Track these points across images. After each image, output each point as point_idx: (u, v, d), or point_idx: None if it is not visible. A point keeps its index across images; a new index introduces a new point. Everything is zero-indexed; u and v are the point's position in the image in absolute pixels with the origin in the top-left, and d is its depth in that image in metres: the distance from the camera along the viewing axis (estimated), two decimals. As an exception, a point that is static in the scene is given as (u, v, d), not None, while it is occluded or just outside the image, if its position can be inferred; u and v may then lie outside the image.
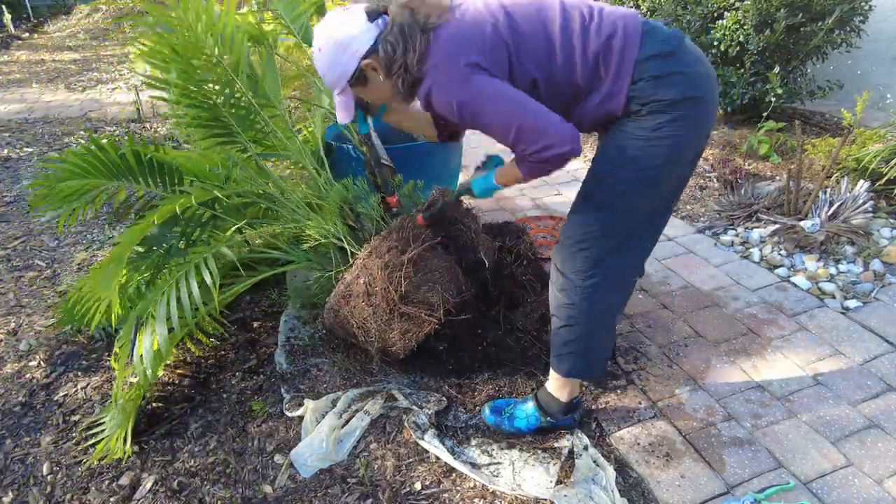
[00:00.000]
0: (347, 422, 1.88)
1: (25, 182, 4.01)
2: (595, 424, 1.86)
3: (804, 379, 1.99)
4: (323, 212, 2.18)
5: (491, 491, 1.66)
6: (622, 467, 1.72)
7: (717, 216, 3.06)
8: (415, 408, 1.90)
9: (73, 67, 7.50)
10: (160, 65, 2.09)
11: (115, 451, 1.80)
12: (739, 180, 3.29)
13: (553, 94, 1.45)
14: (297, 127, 2.91)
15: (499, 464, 1.73)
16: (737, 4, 3.77)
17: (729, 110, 3.95)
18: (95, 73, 7.12)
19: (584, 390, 1.97)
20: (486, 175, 1.66)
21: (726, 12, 3.81)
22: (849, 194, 2.77)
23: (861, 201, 2.73)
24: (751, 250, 2.73)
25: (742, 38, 3.67)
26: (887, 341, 2.14)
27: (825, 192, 2.81)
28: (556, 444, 1.78)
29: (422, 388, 2.02)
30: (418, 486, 1.69)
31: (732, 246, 2.81)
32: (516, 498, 1.63)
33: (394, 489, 1.68)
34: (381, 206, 2.15)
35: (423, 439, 1.80)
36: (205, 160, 2.32)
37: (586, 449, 1.74)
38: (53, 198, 2.14)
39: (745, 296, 2.44)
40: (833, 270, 2.53)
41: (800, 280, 2.49)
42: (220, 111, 2.14)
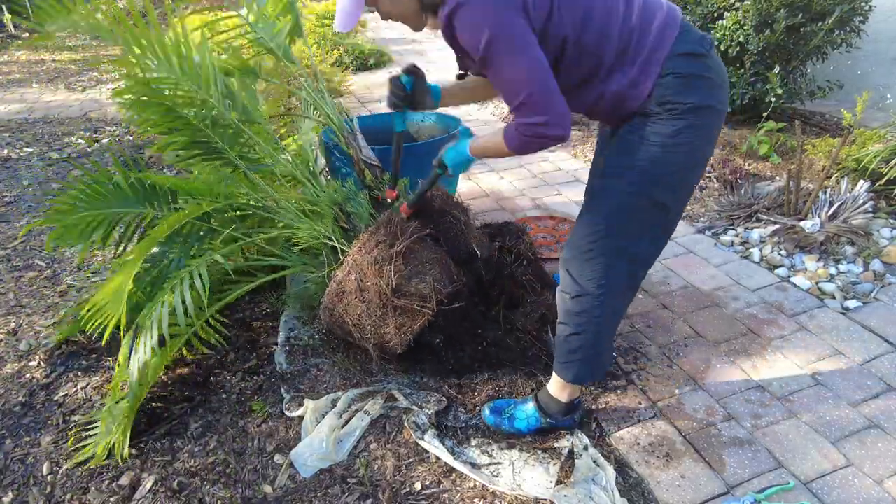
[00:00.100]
0: (347, 422, 1.88)
1: (25, 183, 4.01)
2: (595, 424, 1.86)
3: (804, 379, 1.99)
4: (316, 216, 2.20)
5: (491, 491, 1.66)
6: (622, 467, 1.71)
7: (717, 216, 3.06)
8: (415, 408, 1.90)
9: (74, 67, 7.51)
10: (137, 107, 2.17)
11: (101, 458, 1.81)
12: (739, 180, 3.29)
13: (576, 62, 1.37)
14: (288, 139, 3.05)
15: (499, 464, 1.72)
16: (737, 4, 3.77)
17: (729, 110, 3.92)
18: (95, 73, 7.13)
19: (584, 390, 1.97)
20: (457, 144, 1.57)
21: (726, 12, 3.81)
22: (849, 194, 2.77)
23: (861, 201, 2.73)
24: (751, 250, 2.73)
25: (742, 38, 3.68)
26: (887, 341, 2.14)
27: (825, 193, 2.81)
28: (556, 445, 1.78)
29: (422, 388, 2.02)
30: (418, 486, 1.69)
31: (732, 246, 2.81)
32: (516, 498, 1.63)
33: (394, 489, 1.68)
34: (371, 203, 2.15)
35: (423, 439, 1.80)
36: (197, 178, 2.38)
37: (586, 449, 1.74)
38: (69, 233, 2.21)
39: (745, 296, 2.44)
40: (833, 270, 2.53)
41: (800, 280, 2.49)
42: (202, 134, 2.18)
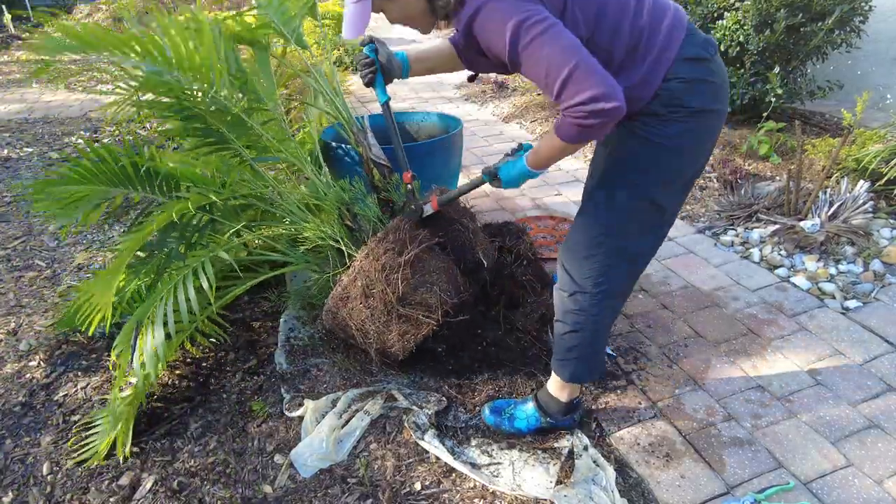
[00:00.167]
0: (347, 422, 1.88)
1: (23, 181, 4.01)
2: (595, 424, 1.86)
3: (804, 379, 1.99)
4: (321, 213, 2.18)
5: (491, 491, 1.66)
6: (622, 467, 1.71)
7: (717, 216, 3.06)
8: (415, 408, 1.90)
9: (74, 67, 7.51)
10: (144, 86, 2.09)
11: (101, 456, 1.81)
12: (739, 180, 3.29)
13: None
14: (293, 128, 2.89)
15: (499, 464, 1.72)
16: (737, 4, 3.77)
17: (729, 110, 3.92)
18: (95, 73, 7.12)
19: (584, 390, 1.97)
20: (515, 159, 1.52)
21: (726, 12, 3.81)
22: (849, 194, 2.77)
23: (861, 201, 2.73)
24: (751, 250, 2.73)
25: (742, 39, 3.67)
26: (887, 341, 2.14)
27: (825, 193, 2.81)
28: (556, 445, 1.78)
29: (422, 389, 2.01)
30: (418, 486, 1.69)
31: (732, 246, 2.81)
32: (516, 498, 1.63)
33: (394, 489, 1.68)
34: (379, 206, 2.14)
35: (423, 439, 1.80)
36: (201, 166, 2.33)
37: (586, 449, 1.74)
38: (54, 205, 2.13)
39: (745, 296, 2.44)
40: (833, 271, 2.53)
41: (800, 280, 2.49)
42: (209, 121, 2.10)
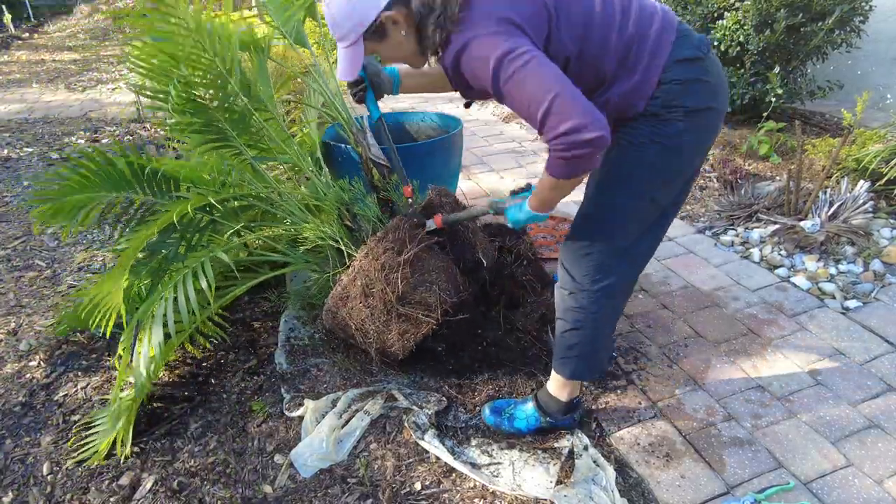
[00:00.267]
0: (347, 422, 1.88)
1: (25, 183, 4.01)
2: (595, 424, 1.86)
3: (804, 379, 1.99)
4: (321, 213, 2.18)
5: (491, 491, 1.66)
6: (622, 467, 1.71)
7: (718, 216, 3.06)
8: (415, 408, 1.90)
9: (74, 67, 7.51)
10: (152, 75, 2.07)
11: (101, 456, 1.81)
12: (739, 180, 3.29)
13: (579, 75, 1.37)
14: (292, 129, 2.90)
15: (499, 464, 1.72)
16: (737, 4, 3.77)
17: (729, 110, 3.93)
18: (95, 73, 7.13)
19: (584, 390, 1.97)
20: (521, 203, 1.55)
21: (726, 12, 3.81)
22: (849, 194, 2.77)
23: (861, 201, 2.73)
24: (751, 250, 2.73)
25: (742, 38, 3.68)
26: (887, 341, 2.14)
27: (825, 193, 2.81)
28: (556, 445, 1.78)
29: (422, 388, 2.01)
30: (418, 486, 1.69)
31: (732, 246, 2.81)
32: (516, 498, 1.63)
33: (394, 489, 1.68)
34: (379, 207, 2.14)
35: (423, 439, 1.80)
36: (201, 166, 2.33)
37: (586, 449, 1.74)
38: (59, 212, 2.15)
39: (745, 296, 2.44)
40: (833, 270, 2.53)
41: (800, 280, 2.49)
42: (214, 116, 2.12)
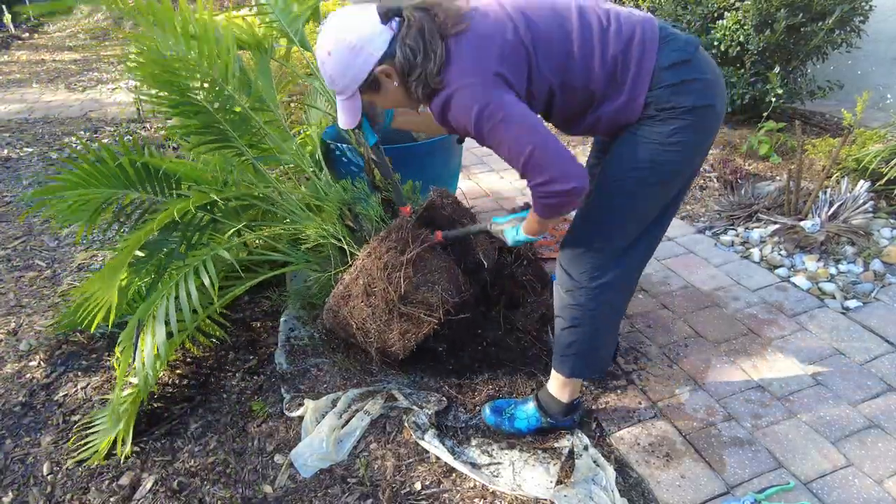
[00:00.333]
0: (347, 422, 1.88)
1: (25, 182, 4.01)
2: (595, 424, 1.86)
3: (804, 379, 1.99)
4: (322, 213, 2.18)
5: (491, 491, 1.66)
6: (622, 467, 1.71)
7: (718, 216, 3.06)
8: (415, 408, 1.90)
9: (74, 67, 7.51)
10: (149, 80, 2.08)
11: (101, 455, 1.81)
12: (739, 180, 3.29)
13: (568, 102, 1.43)
14: (294, 130, 2.90)
15: (499, 464, 1.72)
16: (737, 4, 3.77)
17: (729, 110, 3.95)
18: (95, 73, 7.13)
19: (584, 390, 1.97)
20: (517, 226, 1.63)
21: (726, 12, 3.81)
22: (849, 194, 2.77)
23: (861, 201, 2.73)
24: (751, 250, 2.73)
25: (742, 38, 3.67)
26: (887, 341, 2.14)
27: (825, 193, 2.81)
28: (556, 445, 1.78)
29: (422, 388, 2.02)
30: (418, 486, 1.69)
31: (732, 246, 2.81)
32: (516, 498, 1.63)
33: (394, 489, 1.68)
34: (381, 207, 2.14)
35: (423, 439, 1.80)
36: (203, 164, 2.32)
37: (586, 449, 1.74)
38: (64, 212, 2.15)
39: (746, 296, 2.44)
40: (833, 270, 2.53)
41: (800, 280, 2.49)
42: (213, 118, 2.12)
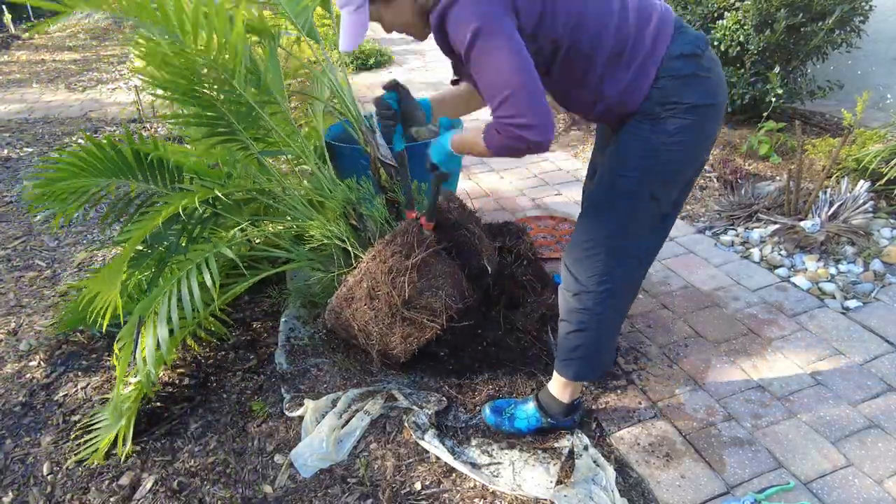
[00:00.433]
0: (347, 422, 1.88)
1: (26, 182, 4.01)
2: (595, 424, 1.86)
3: (804, 379, 1.99)
4: (326, 210, 2.17)
5: (491, 491, 1.66)
6: (622, 467, 1.72)
7: (718, 216, 3.06)
8: (415, 408, 1.90)
9: (74, 67, 7.50)
10: (158, 66, 2.06)
11: (101, 455, 1.81)
12: (739, 180, 3.29)
13: (568, 65, 1.37)
14: (298, 123, 2.87)
15: (499, 464, 1.72)
16: (737, 4, 3.77)
17: (729, 110, 3.95)
18: (95, 73, 7.12)
19: (585, 390, 1.97)
20: (440, 137, 1.56)
21: (726, 12, 3.81)
22: (849, 194, 2.77)
23: (861, 201, 2.73)
24: (751, 250, 2.73)
25: (742, 38, 3.67)
26: (887, 341, 2.14)
27: (825, 193, 2.81)
28: (556, 445, 1.78)
29: (422, 389, 2.01)
30: (418, 486, 1.69)
31: (732, 246, 2.81)
32: (516, 498, 1.63)
33: (394, 489, 1.68)
34: (386, 208, 2.14)
35: (423, 439, 1.80)
36: (206, 157, 2.31)
37: (586, 449, 1.74)
38: (50, 197, 2.11)
39: (746, 296, 2.44)
40: (833, 270, 2.53)
41: (800, 280, 2.49)
42: (221, 109, 2.11)
